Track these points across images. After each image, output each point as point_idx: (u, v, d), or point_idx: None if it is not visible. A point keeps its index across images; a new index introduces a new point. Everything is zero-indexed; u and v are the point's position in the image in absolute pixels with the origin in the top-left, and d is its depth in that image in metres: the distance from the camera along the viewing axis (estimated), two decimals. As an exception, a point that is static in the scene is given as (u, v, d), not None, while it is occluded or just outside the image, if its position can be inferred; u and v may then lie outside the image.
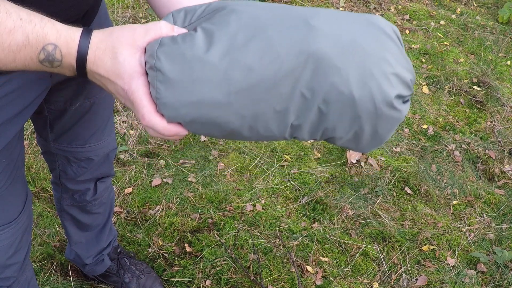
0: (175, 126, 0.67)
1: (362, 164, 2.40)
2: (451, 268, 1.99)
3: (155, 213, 2.02)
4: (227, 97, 0.62)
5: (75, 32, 0.66)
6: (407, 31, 3.63)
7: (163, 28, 0.66)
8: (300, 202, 2.18)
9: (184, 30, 0.67)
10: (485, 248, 2.10)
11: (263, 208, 2.11)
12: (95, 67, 0.66)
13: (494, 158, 2.56)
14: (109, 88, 0.68)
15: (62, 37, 0.65)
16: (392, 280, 1.92)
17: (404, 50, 0.66)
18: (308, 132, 0.66)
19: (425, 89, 3.06)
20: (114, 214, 1.99)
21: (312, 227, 2.07)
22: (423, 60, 3.34)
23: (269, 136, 0.66)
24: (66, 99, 1.15)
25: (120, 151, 2.28)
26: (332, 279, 1.87)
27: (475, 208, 2.29)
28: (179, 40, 0.63)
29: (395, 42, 0.64)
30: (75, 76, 0.69)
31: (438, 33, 3.69)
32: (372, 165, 2.40)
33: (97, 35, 0.66)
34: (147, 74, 0.65)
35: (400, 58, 0.64)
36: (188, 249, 1.90)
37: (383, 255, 2.00)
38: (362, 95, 0.61)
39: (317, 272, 1.89)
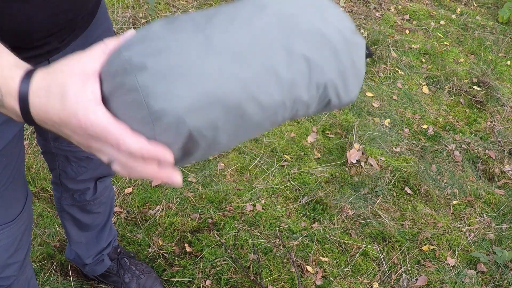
0: (158, 146, 0.55)
1: (362, 164, 2.40)
2: (451, 268, 1.99)
3: (155, 213, 2.02)
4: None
5: (17, 70, 0.57)
6: (407, 31, 3.63)
7: (108, 43, 0.57)
8: (300, 202, 2.18)
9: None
10: (485, 248, 2.10)
11: (263, 208, 2.11)
12: (42, 112, 0.56)
13: (494, 158, 2.56)
14: (66, 133, 0.58)
15: (4, 72, 0.56)
16: (392, 280, 1.92)
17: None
18: (305, 87, 0.62)
19: (425, 89, 3.06)
20: (114, 214, 1.99)
21: (312, 227, 2.07)
22: (423, 60, 3.34)
23: (273, 107, 0.59)
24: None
25: (120, 151, 2.28)
26: (332, 279, 1.87)
27: (475, 208, 2.29)
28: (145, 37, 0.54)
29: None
30: (22, 122, 0.59)
31: (438, 33, 3.69)
32: (372, 165, 2.40)
33: (39, 73, 0.56)
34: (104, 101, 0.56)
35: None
36: (188, 249, 1.90)
37: (383, 255, 2.00)
38: (331, 32, 0.62)
39: (317, 272, 1.89)
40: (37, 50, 0.91)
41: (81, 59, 0.56)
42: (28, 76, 0.57)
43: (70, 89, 0.54)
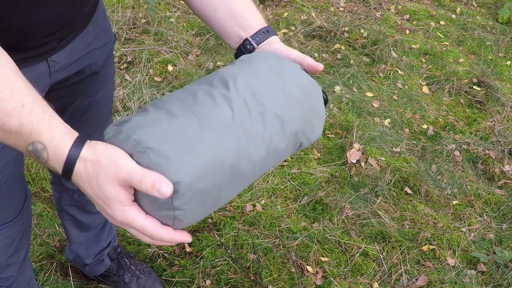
0: (181, 233, 0.68)
1: (362, 164, 2.40)
2: (451, 268, 1.99)
3: (155, 213, 2.02)
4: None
5: (66, 141, 0.64)
6: (407, 31, 3.63)
7: (142, 184, 0.63)
8: (300, 202, 2.18)
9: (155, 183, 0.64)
10: (485, 248, 2.10)
11: (263, 208, 2.11)
12: (81, 182, 0.65)
13: (494, 158, 2.56)
14: (94, 202, 0.68)
15: (54, 140, 0.63)
16: (392, 280, 1.92)
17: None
18: (281, 138, 0.74)
19: (425, 89, 3.06)
20: (114, 214, 1.99)
21: (312, 227, 2.07)
22: (423, 60, 3.34)
23: (261, 160, 0.71)
24: (65, 98, 1.15)
25: (120, 151, 2.28)
26: (332, 279, 1.87)
27: (475, 208, 2.29)
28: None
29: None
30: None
31: (438, 33, 3.69)
32: (372, 165, 2.40)
33: (86, 154, 0.64)
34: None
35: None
36: (188, 249, 1.90)
37: (383, 255, 2.00)
38: (292, 88, 0.76)
39: (317, 272, 1.89)
40: (36, 50, 0.91)
41: (118, 169, 0.63)
42: (76, 146, 0.64)
43: (106, 189, 0.63)
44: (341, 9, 3.78)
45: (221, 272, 1.84)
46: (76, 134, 0.66)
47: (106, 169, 0.63)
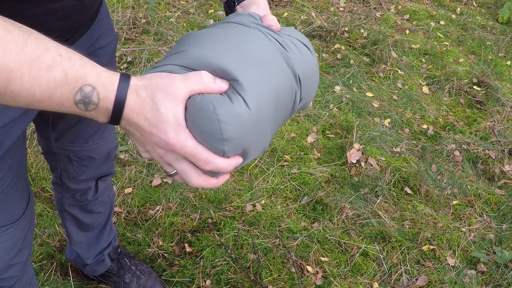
0: (234, 157, 0.68)
1: (362, 164, 2.40)
2: (451, 268, 1.99)
3: (155, 213, 2.02)
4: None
5: (113, 76, 0.63)
6: (407, 31, 3.63)
7: (204, 78, 0.65)
8: (300, 202, 2.18)
9: (225, 82, 0.67)
10: (485, 248, 2.10)
11: (263, 208, 2.11)
12: (134, 114, 0.64)
13: (494, 158, 2.56)
14: (146, 138, 0.66)
15: (101, 79, 0.62)
16: (392, 280, 1.92)
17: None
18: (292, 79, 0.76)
19: (425, 89, 3.07)
20: (114, 214, 1.99)
21: (312, 227, 2.07)
22: (423, 60, 3.34)
23: (289, 96, 0.75)
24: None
25: (120, 151, 2.28)
26: (332, 279, 1.87)
27: (475, 208, 2.29)
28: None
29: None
30: (106, 122, 0.66)
31: (438, 33, 3.69)
32: (372, 165, 2.40)
33: (136, 81, 0.64)
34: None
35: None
36: (188, 249, 1.90)
37: (383, 255, 2.00)
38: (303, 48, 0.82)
39: (317, 272, 1.89)
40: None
41: (175, 82, 0.64)
42: (125, 78, 0.63)
43: (163, 107, 0.63)
44: (341, 9, 3.78)
45: (221, 272, 1.84)
46: (119, 72, 0.65)
47: (161, 85, 0.63)
